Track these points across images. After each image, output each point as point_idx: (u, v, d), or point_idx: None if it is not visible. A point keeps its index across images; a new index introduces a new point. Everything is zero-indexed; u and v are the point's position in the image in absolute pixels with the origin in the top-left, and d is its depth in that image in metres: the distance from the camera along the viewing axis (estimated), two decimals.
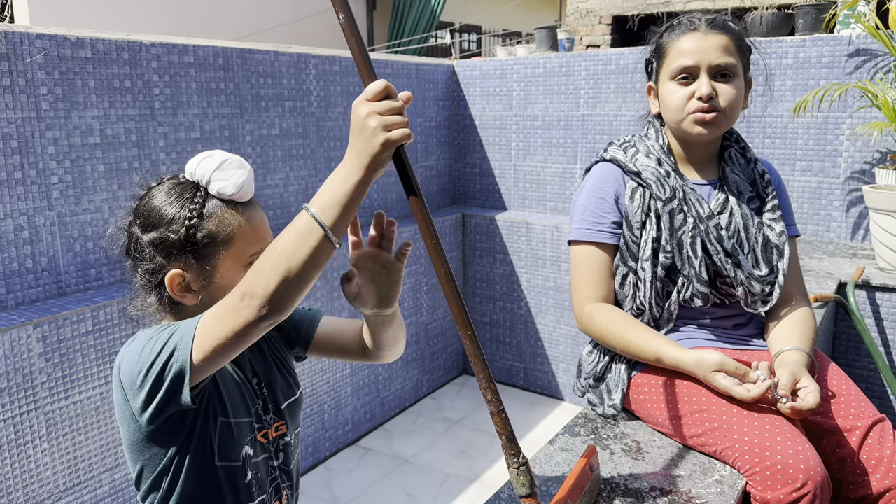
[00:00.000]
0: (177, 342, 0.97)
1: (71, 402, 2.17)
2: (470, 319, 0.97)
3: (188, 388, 0.97)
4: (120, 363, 1.04)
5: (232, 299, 0.93)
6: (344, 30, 0.92)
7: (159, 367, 0.97)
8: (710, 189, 1.57)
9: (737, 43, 1.50)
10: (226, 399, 1.11)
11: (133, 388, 1.00)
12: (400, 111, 0.90)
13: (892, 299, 2.50)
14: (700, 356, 1.39)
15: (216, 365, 0.98)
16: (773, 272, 1.54)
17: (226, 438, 1.10)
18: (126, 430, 1.06)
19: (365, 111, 0.90)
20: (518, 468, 1.00)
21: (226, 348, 0.94)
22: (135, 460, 1.08)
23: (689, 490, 1.30)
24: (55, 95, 2.25)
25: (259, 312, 0.90)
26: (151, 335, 1.01)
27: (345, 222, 0.90)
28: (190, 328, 0.97)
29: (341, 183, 0.90)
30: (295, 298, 0.92)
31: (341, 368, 3.28)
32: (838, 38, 3.01)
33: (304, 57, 3.16)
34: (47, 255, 2.28)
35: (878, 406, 2.56)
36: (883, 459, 1.41)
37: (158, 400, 0.98)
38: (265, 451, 1.18)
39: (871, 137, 2.94)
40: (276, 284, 0.89)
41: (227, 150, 1.16)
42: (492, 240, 3.96)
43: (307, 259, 0.90)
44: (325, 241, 0.90)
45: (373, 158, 0.89)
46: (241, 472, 1.13)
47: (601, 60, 3.64)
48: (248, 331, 0.92)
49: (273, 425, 1.21)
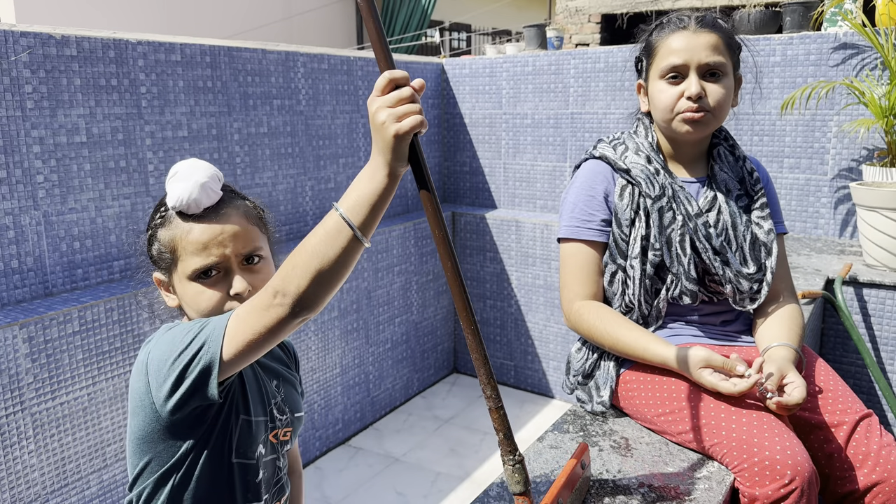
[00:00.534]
0: (207, 335, 0.98)
1: (58, 402, 2.15)
2: (474, 313, 0.96)
3: (216, 382, 0.98)
4: (149, 352, 1.05)
5: (265, 296, 0.94)
6: (360, 8, 0.90)
7: (187, 359, 0.98)
8: (699, 187, 1.57)
9: (726, 41, 1.50)
10: (249, 397, 1.13)
11: (159, 376, 1.01)
12: (411, 100, 0.89)
13: (880, 295, 2.52)
14: (686, 353, 1.39)
15: (246, 360, 0.99)
16: (761, 270, 1.54)
17: (245, 436, 1.12)
18: (140, 421, 1.06)
19: (374, 107, 0.89)
20: (514, 465, 0.99)
21: (257, 344, 0.96)
22: (142, 453, 1.08)
23: (678, 486, 1.30)
24: (40, 94, 2.23)
25: (291, 310, 0.92)
26: (184, 328, 1.03)
27: (374, 220, 0.91)
28: (221, 323, 0.98)
29: (368, 181, 0.90)
30: (326, 296, 0.93)
31: (331, 368, 3.27)
32: (825, 35, 3.02)
33: (293, 55, 3.14)
34: (33, 254, 2.26)
35: (865, 401, 2.58)
36: (870, 454, 1.42)
37: (183, 391, 0.99)
38: (274, 452, 1.20)
39: (858, 134, 2.96)
40: (307, 283, 0.90)
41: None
42: (482, 238, 3.95)
43: (337, 258, 0.90)
44: (355, 240, 0.90)
45: (391, 152, 0.88)
46: (253, 471, 1.14)
47: (590, 58, 3.64)
48: (279, 327, 0.93)
49: (283, 428, 1.23)
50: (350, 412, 3.43)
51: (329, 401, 3.28)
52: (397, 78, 0.89)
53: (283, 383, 1.26)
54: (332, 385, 3.29)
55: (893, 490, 1.39)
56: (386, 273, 3.57)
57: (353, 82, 3.49)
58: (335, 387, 3.31)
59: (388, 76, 0.89)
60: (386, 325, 3.62)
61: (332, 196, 3.41)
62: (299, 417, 1.29)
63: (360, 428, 3.52)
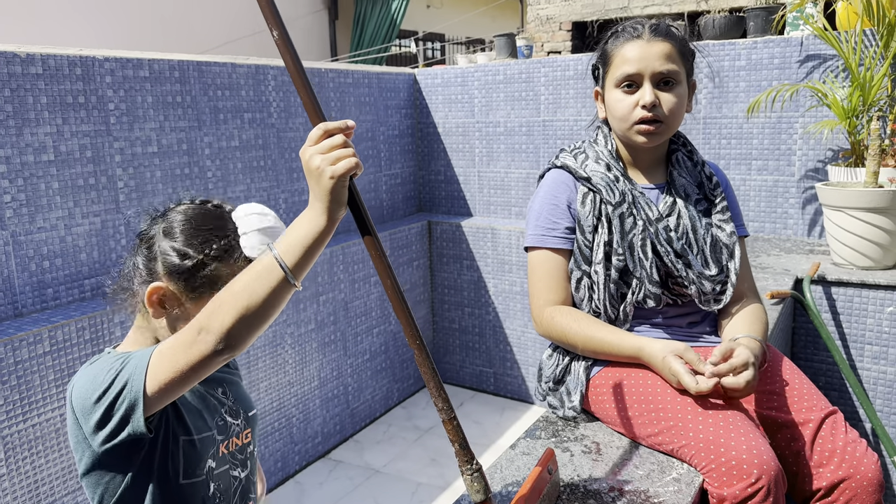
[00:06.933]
0: (129, 374, 0.98)
1: (29, 424, 2.13)
2: (418, 329, 0.97)
3: (142, 419, 0.98)
4: (72, 389, 1.04)
5: (188, 333, 0.94)
6: (278, 46, 0.92)
7: (111, 398, 0.98)
8: (658, 193, 1.59)
9: (679, 49, 1.53)
10: (186, 418, 1.12)
11: (84, 413, 1.01)
12: (343, 145, 0.91)
13: (848, 293, 2.56)
14: (662, 341, 1.44)
15: (172, 396, 0.99)
16: (723, 271, 1.57)
17: (189, 456, 1.11)
18: (80, 455, 1.06)
19: (308, 154, 0.91)
20: (472, 475, 1.00)
21: (181, 380, 0.96)
22: (94, 486, 1.08)
23: (648, 489, 1.32)
24: (6, 113, 2.21)
25: (215, 347, 0.92)
26: (105, 364, 1.02)
27: (307, 263, 0.92)
28: (143, 360, 0.98)
29: (306, 224, 0.92)
30: (251, 335, 0.93)
31: (309, 381, 3.26)
32: (788, 39, 3.08)
33: (263, 68, 3.14)
34: (1, 275, 2.23)
35: (836, 399, 2.62)
36: (836, 451, 1.44)
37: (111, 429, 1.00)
38: (227, 462, 1.19)
39: (823, 136, 3.01)
40: (232, 320, 0.91)
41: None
42: (458, 246, 3.97)
43: (265, 298, 0.91)
44: (285, 281, 0.91)
45: (329, 196, 0.90)
46: (204, 486, 1.14)
47: (560, 66, 3.68)
48: (202, 364, 0.94)
49: (242, 432, 1.23)
50: (329, 425, 3.42)
51: (308, 414, 3.27)
52: (332, 129, 0.92)
53: (228, 387, 1.26)
54: (310, 398, 3.28)
55: (860, 486, 1.41)
56: (363, 284, 3.57)
57: (324, 94, 3.49)
58: (314, 399, 3.30)
59: (323, 128, 0.92)
60: (364, 335, 3.62)
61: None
62: (254, 416, 1.29)
63: (340, 440, 3.50)
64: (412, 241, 3.90)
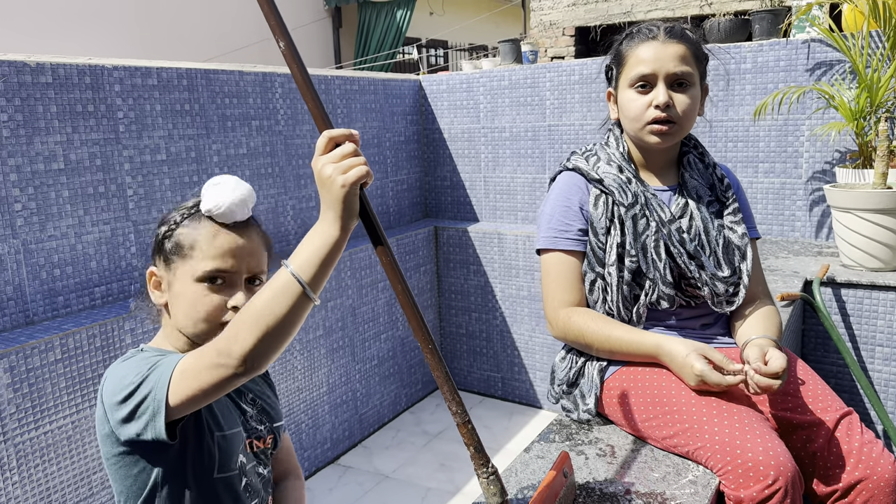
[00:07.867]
0: (154, 384, 0.99)
1: (42, 432, 2.13)
2: (430, 333, 0.98)
3: (164, 426, 0.99)
4: (104, 382, 1.07)
5: (209, 354, 0.94)
6: (285, 57, 0.92)
7: (136, 402, 1.00)
8: (671, 194, 1.60)
9: (694, 51, 1.53)
10: (218, 414, 1.15)
11: (111, 408, 1.03)
12: (353, 153, 0.91)
13: (857, 295, 2.55)
14: (683, 340, 1.44)
15: (195, 408, 1.00)
16: (736, 273, 1.57)
17: (223, 451, 1.14)
18: (108, 448, 1.08)
19: (319, 164, 0.92)
20: (488, 478, 1.00)
21: (203, 397, 0.97)
22: (122, 478, 1.09)
23: (664, 492, 1.31)
24: (16, 122, 2.23)
25: (235, 370, 0.92)
26: (135, 365, 1.04)
27: (323, 277, 0.92)
28: (167, 372, 0.99)
29: (319, 237, 0.91)
30: (272, 355, 0.93)
31: (318, 387, 3.26)
32: (794, 41, 3.08)
33: (270, 76, 3.15)
34: (13, 283, 2.24)
35: (848, 400, 2.61)
36: (851, 452, 1.44)
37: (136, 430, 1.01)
38: (253, 460, 1.22)
39: (830, 138, 3.01)
40: (253, 341, 0.91)
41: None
42: (465, 251, 3.97)
43: (285, 316, 0.91)
44: (303, 297, 0.91)
45: (341, 206, 0.90)
46: (237, 479, 1.16)
47: (565, 71, 3.69)
48: (223, 385, 0.95)
49: (266, 437, 1.25)
50: (338, 431, 3.42)
51: (317, 420, 3.27)
52: (337, 136, 0.92)
53: (257, 396, 1.28)
54: (319, 404, 3.28)
55: (877, 486, 1.41)
56: (370, 289, 3.58)
57: (331, 101, 3.50)
58: (322, 406, 3.30)
59: (328, 135, 0.92)
60: (372, 341, 3.62)
61: (314, 215, 3.42)
62: (279, 427, 1.31)
63: (349, 446, 3.50)
64: (419, 246, 3.91)
